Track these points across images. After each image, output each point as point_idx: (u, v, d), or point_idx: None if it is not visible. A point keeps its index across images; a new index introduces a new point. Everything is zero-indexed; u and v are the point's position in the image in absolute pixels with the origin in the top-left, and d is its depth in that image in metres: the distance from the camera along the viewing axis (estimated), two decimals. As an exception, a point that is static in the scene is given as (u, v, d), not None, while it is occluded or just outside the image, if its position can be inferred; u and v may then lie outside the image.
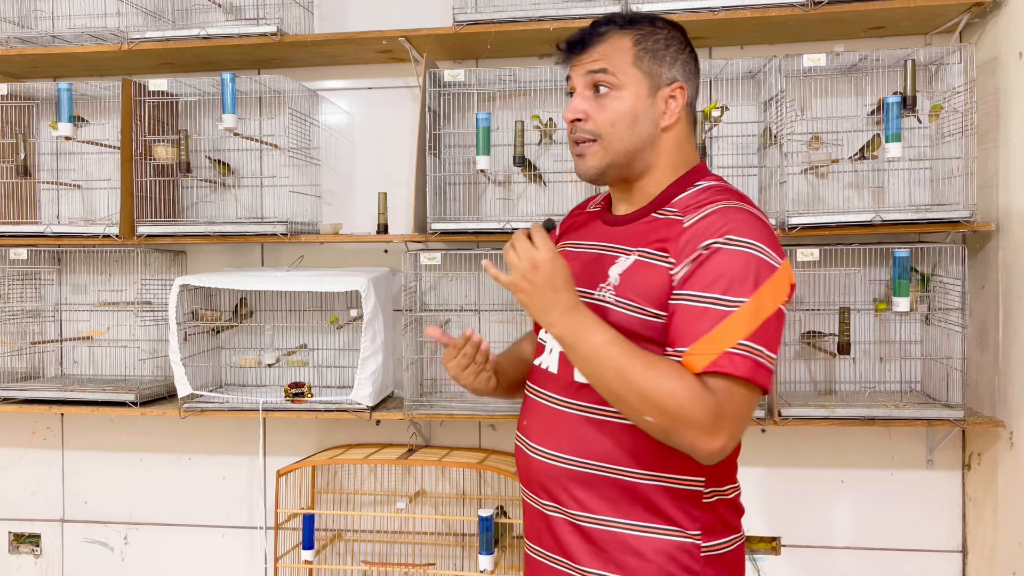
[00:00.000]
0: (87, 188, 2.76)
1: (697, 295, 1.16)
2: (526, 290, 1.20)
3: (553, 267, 1.19)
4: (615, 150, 1.29)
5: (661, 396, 1.13)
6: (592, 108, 1.29)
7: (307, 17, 2.60)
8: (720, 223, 1.19)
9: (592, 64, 1.30)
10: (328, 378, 2.61)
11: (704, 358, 1.14)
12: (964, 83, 2.15)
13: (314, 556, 2.47)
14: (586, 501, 1.26)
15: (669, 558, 1.24)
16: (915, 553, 2.42)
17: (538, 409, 1.34)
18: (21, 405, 2.50)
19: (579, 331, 1.18)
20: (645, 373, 1.14)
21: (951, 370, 2.20)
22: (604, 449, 1.25)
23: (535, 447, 1.32)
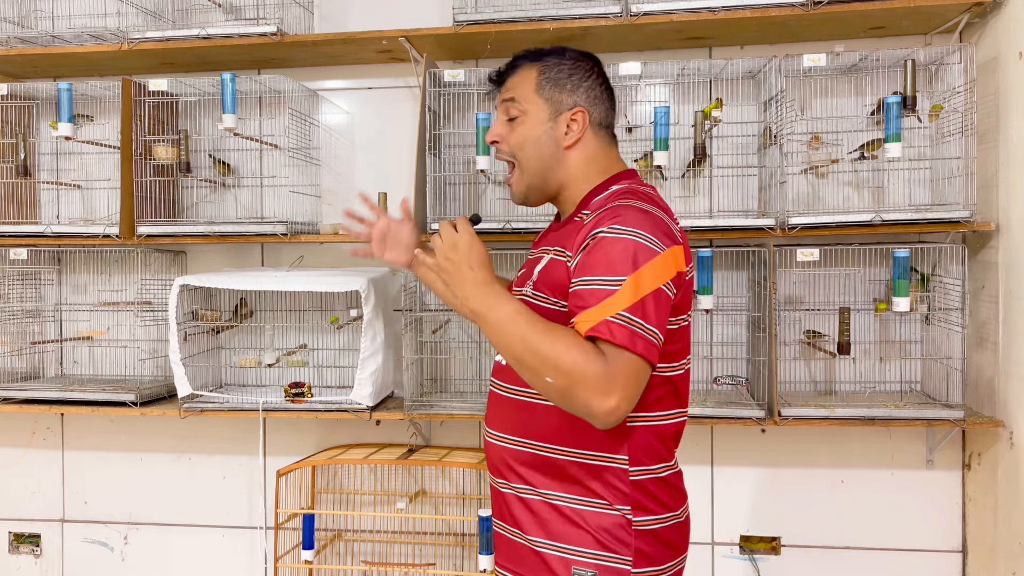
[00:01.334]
0: (87, 188, 2.76)
1: (586, 279, 1.29)
2: (446, 268, 1.34)
3: (469, 247, 1.34)
4: (529, 170, 1.46)
5: (558, 355, 1.23)
6: (505, 132, 1.48)
7: (307, 17, 2.60)
8: (608, 217, 1.33)
9: (505, 94, 1.49)
10: (328, 378, 2.61)
11: (586, 324, 1.25)
12: (964, 83, 2.15)
13: (314, 556, 2.47)
14: (527, 477, 1.41)
15: (603, 529, 1.36)
16: (915, 553, 2.42)
17: (493, 398, 1.50)
18: (21, 405, 2.50)
19: (489, 302, 1.31)
20: (545, 336, 1.26)
21: (951, 370, 2.20)
22: (535, 429, 1.40)
23: (490, 432, 1.49)
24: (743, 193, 2.45)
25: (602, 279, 1.27)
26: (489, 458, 1.50)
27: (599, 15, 2.24)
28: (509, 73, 1.50)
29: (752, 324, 2.36)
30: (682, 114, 2.42)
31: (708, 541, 2.51)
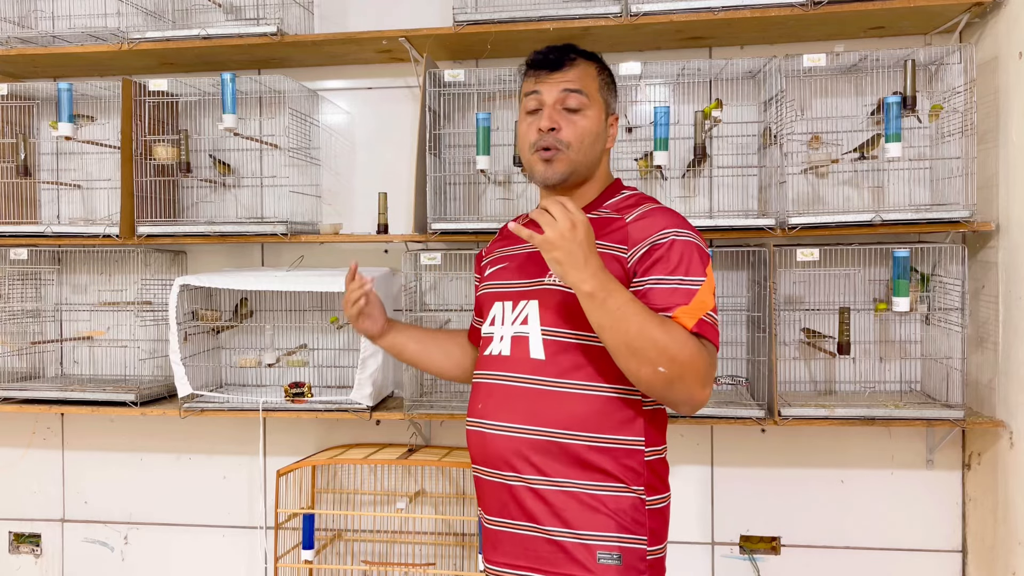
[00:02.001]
0: (87, 188, 2.76)
1: (665, 278, 1.38)
2: (564, 247, 1.29)
3: (587, 229, 1.31)
4: (578, 161, 1.49)
5: (677, 346, 1.30)
6: (564, 122, 1.48)
7: (307, 17, 2.60)
8: (663, 219, 1.43)
9: (569, 83, 1.49)
10: (328, 378, 2.61)
11: (691, 320, 1.34)
12: (964, 83, 2.15)
13: (314, 556, 2.47)
14: (542, 467, 1.41)
15: (621, 512, 1.40)
16: (915, 553, 2.42)
17: (494, 390, 1.48)
18: (21, 405, 2.50)
19: (608, 288, 1.30)
20: (662, 327, 1.31)
21: (951, 370, 2.20)
22: (556, 418, 1.41)
23: (493, 424, 1.46)
24: (743, 193, 2.45)
25: (686, 278, 1.37)
26: (489, 452, 1.47)
27: (599, 15, 2.24)
28: (567, 62, 1.50)
29: (752, 324, 2.36)
30: (682, 114, 2.42)
31: (708, 541, 2.51)
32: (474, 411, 1.52)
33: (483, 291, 1.61)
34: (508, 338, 1.48)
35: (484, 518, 1.52)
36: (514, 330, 1.48)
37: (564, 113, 1.48)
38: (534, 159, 1.50)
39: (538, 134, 1.48)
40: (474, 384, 1.55)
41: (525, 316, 1.47)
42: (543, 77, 1.50)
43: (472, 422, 1.51)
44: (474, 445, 1.51)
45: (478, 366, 1.56)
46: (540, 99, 1.50)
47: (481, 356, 1.55)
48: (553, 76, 1.50)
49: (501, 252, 1.63)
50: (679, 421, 2.23)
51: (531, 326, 1.46)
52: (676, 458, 2.51)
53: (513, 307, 1.50)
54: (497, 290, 1.56)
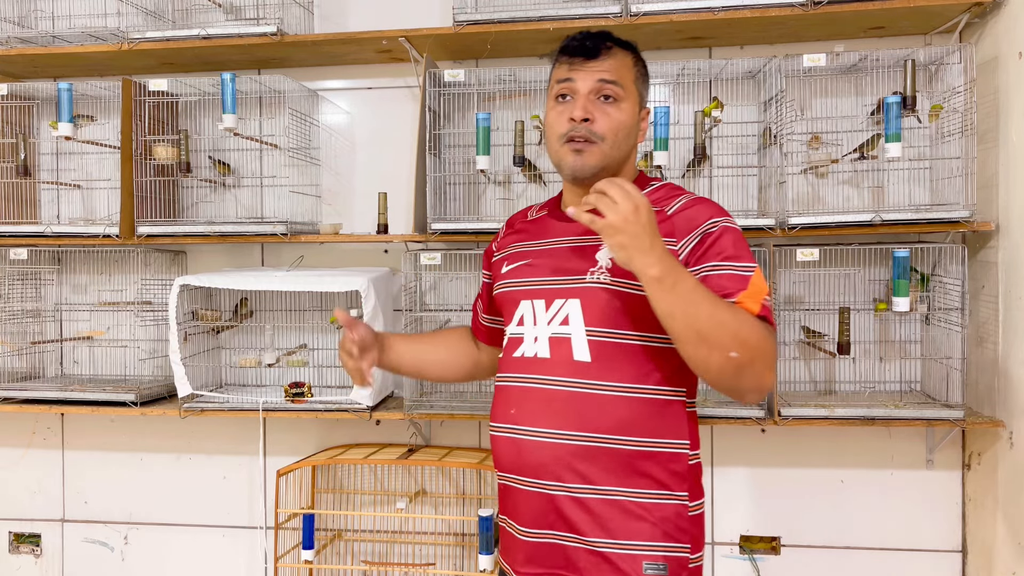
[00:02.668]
0: (87, 188, 2.76)
1: (720, 264, 1.33)
2: (628, 231, 1.23)
3: (650, 211, 1.25)
4: (611, 155, 1.43)
5: (748, 331, 1.26)
6: (599, 113, 1.41)
7: (307, 17, 2.60)
8: (707, 209, 1.40)
9: (605, 73, 1.42)
10: (328, 378, 2.61)
11: (755, 303, 1.31)
12: (964, 83, 2.15)
13: (314, 556, 2.47)
14: (587, 474, 1.35)
15: (666, 519, 1.36)
16: (915, 553, 2.42)
17: (530, 394, 1.40)
18: (21, 405, 2.50)
19: (677, 272, 1.25)
20: (731, 312, 1.27)
21: (951, 370, 2.20)
22: (604, 422, 1.35)
23: (531, 431, 1.38)
24: (743, 193, 2.45)
25: (740, 264, 1.33)
26: (525, 460, 1.39)
27: (599, 15, 2.24)
28: (603, 50, 1.43)
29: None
30: (682, 114, 2.42)
31: (708, 541, 2.51)
32: (504, 416, 1.43)
33: (503, 289, 1.52)
34: (545, 339, 1.41)
35: (515, 528, 1.44)
36: (552, 331, 1.40)
37: (598, 103, 1.41)
38: (564, 150, 1.42)
39: (570, 124, 1.41)
40: (500, 387, 1.48)
41: (565, 316, 1.40)
42: (578, 65, 1.42)
43: (501, 428, 1.44)
44: (505, 453, 1.43)
45: (504, 368, 1.48)
46: (573, 87, 1.42)
47: (508, 358, 1.47)
48: (589, 64, 1.42)
49: (518, 247, 1.54)
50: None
51: (573, 326, 1.38)
52: (676, 458, 2.51)
53: (547, 306, 1.42)
54: (522, 288, 1.47)
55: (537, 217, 1.59)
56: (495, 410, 1.47)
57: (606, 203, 1.23)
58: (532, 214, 1.61)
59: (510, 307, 1.49)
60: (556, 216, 1.52)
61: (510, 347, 1.47)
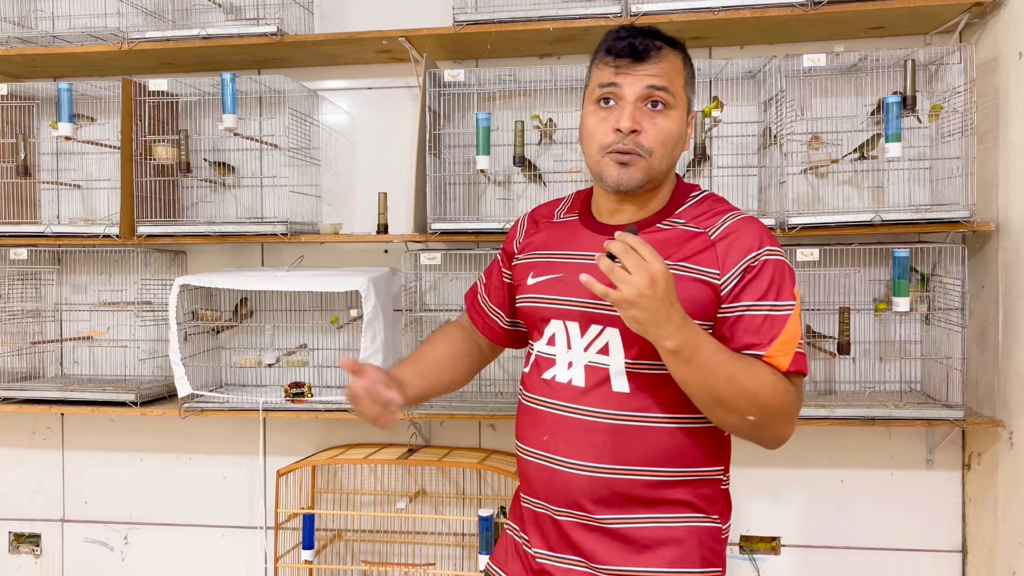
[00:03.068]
0: (87, 188, 2.76)
1: (756, 304, 1.27)
2: (643, 306, 1.15)
3: (667, 280, 1.17)
4: (658, 168, 1.32)
5: (766, 394, 1.22)
6: (647, 123, 1.30)
7: (307, 17, 2.60)
8: (751, 235, 1.30)
9: (655, 79, 1.30)
10: (328, 378, 2.61)
11: (786, 358, 1.25)
12: (964, 83, 2.15)
13: (314, 556, 2.47)
14: (625, 506, 1.31)
15: (702, 543, 1.33)
16: (915, 553, 2.42)
17: (565, 424, 1.33)
18: (21, 405, 2.50)
19: (695, 343, 1.19)
20: (750, 375, 1.22)
21: (951, 370, 2.20)
22: (643, 454, 1.30)
23: (566, 461, 1.32)
24: (743, 193, 2.45)
25: (777, 303, 1.27)
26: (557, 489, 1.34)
27: (599, 15, 2.24)
28: (653, 52, 1.30)
29: (752, 324, 2.36)
30: (682, 114, 2.42)
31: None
32: (536, 441, 1.37)
33: (530, 304, 1.42)
34: (580, 366, 1.33)
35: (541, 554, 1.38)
36: (589, 359, 1.33)
37: (646, 112, 1.30)
38: (606, 161, 1.31)
39: (615, 135, 1.30)
40: (530, 408, 1.40)
41: (604, 345, 1.32)
42: (624, 68, 1.30)
43: (532, 453, 1.37)
44: (537, 479, 1.37)
45: (533, 388, 1.40)
46: (619, 92, 1.30)
47: (536, 379, 1.39)
48: (637, 68, 1.30)
49: (545, 256, 1.44)
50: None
51: (613, 358, 1.31)
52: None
53: (582, 331, 1.34)
54: (554, 306, 1.37)
55: (566, 220, 1.47)
56: (523, 430, 1.41)
57: (619, 275, 1.14)
58: (560, 214, 1.50)
59: (539, 324, 1.40)
60: (588, 224, 1.42)
61: (539, 366, 1.39)
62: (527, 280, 1.44)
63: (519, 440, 1.42)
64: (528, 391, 1.41)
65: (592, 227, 1.41)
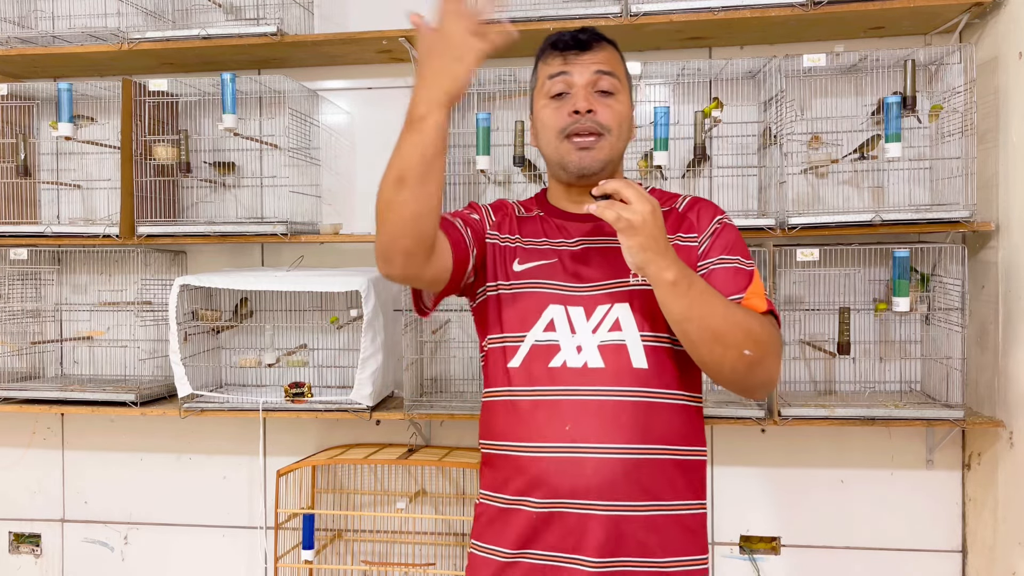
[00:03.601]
0: (87, 188, 2.76)
1: (726, 258, 1.34)
2: (648, 232, 1.20)
3: (660, 215, 1.24)
4: (616, 148, 1.38)
5: (759, 328, 1.27)
6: (600, 105, 1.35)
7: (307, 17, 2.60)
8: (713, 206, 1.42)
9: (602, 65, 1.37)
10: (328, 378, 2.61)
11: (761, 300, 1.32)
12: (964, 83, 2.15)
13: (314, 556, 2.47)
14: (654, 490, 1.29)
15: (701, 531, 1.36)
16: (915, 553, 2.42)
17: (589, 408, 1.29)
18: (21, 405, 2.50)
19: (691, 275, 1.24)
20: (741, 310, 1.27)
21: (951, 370, 2.20)
22: (664, 430, 1.31)
23: (595, 447, 1.27)
24: (743, 193, 2.45)
25: (740, 259, 1.35)
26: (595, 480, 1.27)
27: (599, 15, 2.24)
28: (595, 44, 1.38)
29: (752, 324, 2.36)
30: (682, 114, 2.42)
31: (708, 541, 2.51)
32: (555, 434, 1.29)
33: (523, 290, 1.38)
34: (593, 347, 1.31)
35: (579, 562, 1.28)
36: (600, 338, 1.31)
37: (598, 96, 1.35)
38: (566, 147, 1.34)
39: (571, 118, 1.33)
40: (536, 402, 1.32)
41: (615, 321, 1.31)
42: (572, 58, 1.36)
43: (555, 448, 1.29)
44: (563, 476, 1.28)
45: (534, 380, 1.33)
46: (570, 80, 1.35)
47: (542, 368, 1.32)
48: (584, 57, 1.36)
49: (526, 242, 1.42)
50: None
51: (627, 332, 1.31)
52: (676, 458, 2.51)
53: (587, 314, 1.32)
54: (550, 291, 1.35)
55: (530, 216, 1.47)
56: (524, 428, 1.32)
57: (622, 205, 1.19)
58: (518, 211, 1.49)
59: (532, 311, 1.35)
60: (560, 215, 1.44)
61: (539, 356, 1.33)
62: (512, 266, 1.40)
63: (514, 439, 1.33)
64: (529, 384, 1.34)
65: (567, 218, 1.43)
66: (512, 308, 1.38)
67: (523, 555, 1.32)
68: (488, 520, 1.38)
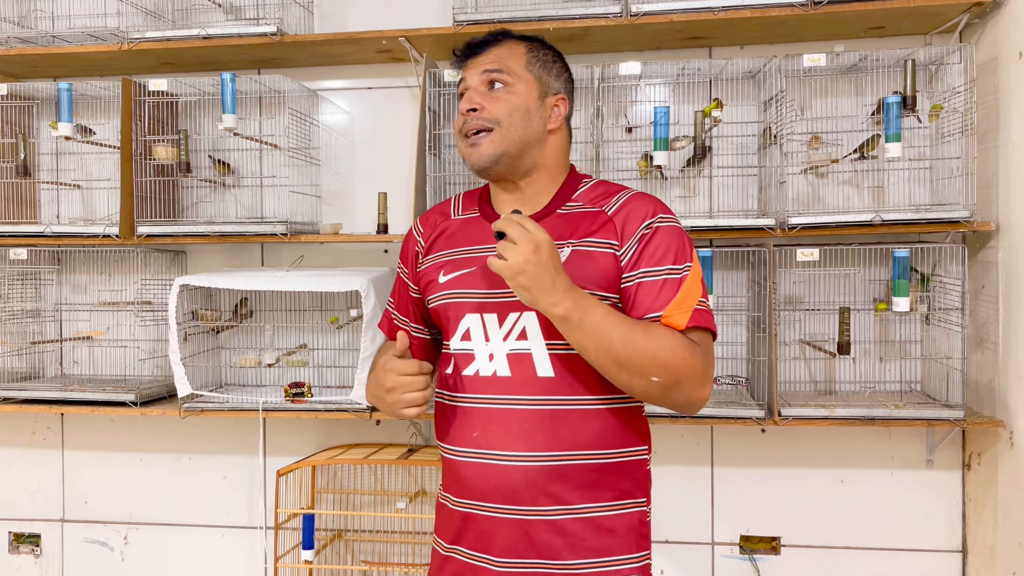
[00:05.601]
0: (87, 188, 2.76)
1: (653, 270, 1.31)
2: (529, 272, 1.20)
3: (551, 247, 1.23)
4: (510, 139, 1.38)
5: (666, 353, 1.24)
6: (487, 101, 1.39)
7: (307, 17, 2.60)
8: (645, 206, 1.36)
9: (488, 64, 1.41)
10: (328, 378, 2.61)
11: (683, 316, 1.28)
12: (964, 83, 2.15)
13: (314, 556, 2.47)
14: (562, 495, 1.31)
15: (634, 529, 1.35)
16: (915, 553, 2.42)
17: (495, 416, 1.33)
18: (21, 405, 2.50)
19: (583, 306, 1.23)
20: (647, 336, 1.24)
21: (951, 370, 2.20)
22: (577, 438, 1.32)
23: (500, 454, 1.32)
24: (743, 193, 2.45)
25: (672, 267, 1.31)
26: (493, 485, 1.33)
27: (599, 15, 2.24)
28: (490, 44, 1.44)
29: (752, 324, 2.36)
30: (682, 114, 2.42)
31: (708, 541, 2.51)
32: (465, 440, 1.36)
33: (443, 301, 1.41)
34: (503, 356, 1.34)
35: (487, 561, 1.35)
36: (509, 346, 1.34)
37: (488, 93, 1.40)
38: (463, 146, 1.41)
39: (462, 118, 1.40)
40: (453, 407, 1.39)
41: (522, 330, 1.33)
42: (468, 63, 1.44)
43: (462, 452, 1.36)
44: (473, 478, 1.35)
45: (454, 387, 1.39)
46: (466, 85, 1.43)
47: (457, 376, 1.38)
48: (474, 61, 1.43)
49: (452, 254, 1.45)
50: (679, 421, 2.23)
51: (532, 341, 1.33)
52: (676, 458, 2.51)
53: (500, 321, 1.35)
54: (467, 300, 1.38)
55: (466, 218, 1.48)
56: (449, 431, 1.40)
57: (503, 245, 1.22)
58: (456, 213, 1.51)
59: (452, 321, 1.40)
60: (487, 215, 1.46)
61: (458, 363, 1.38)
62: (438, 279, 1.44)
63: (444, 441, 1.41)
64: (450, 391, 1.40)
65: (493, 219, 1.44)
66: (442, 318, 1.44)
67: (454, 551, 1.41)
68: (437, 514, 1.49)
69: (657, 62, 2.31)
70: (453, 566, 1.40)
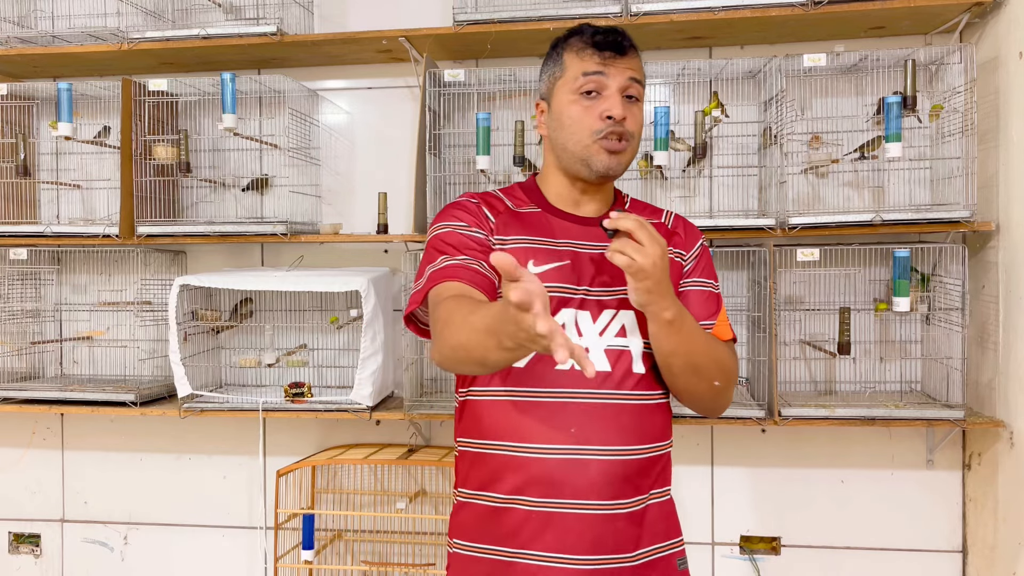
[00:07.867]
0: (87, 188, 2.76)
1: (703, 281, 1.44)
2: (656, 277, 1.24)
3: (667, 255, 1.28)
4: (633, 154, 1.42)
5: (727, 361, 1.38)
6: (629, 113, 1.37)
7: (307, 17, 2.60)
8: (693, 226, 1.50)
9: (634, 72, 1.39)
10: (328, 378, 2.61)
11: (727, 328, 1.42)
12: (964, 83, 2.15)
13: (314, 556, 2.47)
14: (642, 485, 1.36)
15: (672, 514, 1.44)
16: (915, 553, 2.42)
17: (595, 411, 1.32)
18: (21, 405, 2.50)
19: (683, 313, 1.32)
20: (714, 343, 1.37)
21: (951, 370, 2.20)
22: (656, 429, 1.39)
23: (600, 449, 1.30)
24: (743, 193, 2.45)
25: (711, 283, 1.45)
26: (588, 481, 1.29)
27: (599, 15, 2.24)
28: (629, 48, 1.39)
29: (752, 324, 2.36)
30: (682, 114, 2.42)
31: (708, 541, 2.51)
32: (560, 436, 1.30)
33: None
34: (600, 351, 1.34)
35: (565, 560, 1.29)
36: (607, 342, 1.34)
37: (623, 102, 1.36)
38: (595, 147, 1.35)
39: (604, 122, 1.34)
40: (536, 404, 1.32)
41: (621, 327, 1.36)
42: (610, 60, 1.36)
43: (556, 450, 1.30)
44: (565, 477, 1.29)
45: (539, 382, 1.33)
46: (604, 82, 1.36)
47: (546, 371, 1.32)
48: (620, 61, 1.37)
49: (541, 242, 1.39)
50: (680, 421, 2.22)
51: (632, 339, 1.36)
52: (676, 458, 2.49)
53: (594, 317, 1.35)
54: (563, 294, 1.35)
55: (529, 212, 1.43)
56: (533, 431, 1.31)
57: (635, 247, 1.22)
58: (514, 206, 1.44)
59: None
60: (562, 216, 1.42)
61: (545, 356, 1.29)
62: (527, 266, 1.35)
63: (524, 441, 1.32)
64: (533, 386, 1.33)
65: (570, 219, 1.42)
66: None
67: (521, 555, 1.32)
68: (475, 518, 1.38)
69: (657, 62, 2.31)
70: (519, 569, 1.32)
